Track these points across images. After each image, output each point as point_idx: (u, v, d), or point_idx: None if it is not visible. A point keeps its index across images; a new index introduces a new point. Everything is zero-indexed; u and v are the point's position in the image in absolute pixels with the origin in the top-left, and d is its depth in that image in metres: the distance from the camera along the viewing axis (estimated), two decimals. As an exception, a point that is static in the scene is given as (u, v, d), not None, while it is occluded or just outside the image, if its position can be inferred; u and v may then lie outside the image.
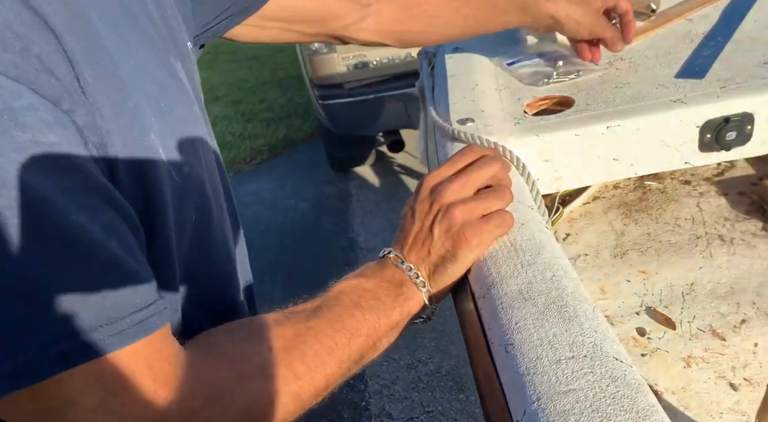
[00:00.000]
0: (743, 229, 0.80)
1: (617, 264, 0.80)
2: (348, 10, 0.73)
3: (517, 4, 0.74)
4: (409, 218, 0.51)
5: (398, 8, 0.75)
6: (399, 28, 0.76)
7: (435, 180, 0.52)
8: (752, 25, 0.82)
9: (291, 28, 0.73)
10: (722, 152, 0.68)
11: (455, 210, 0.48)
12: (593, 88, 0.76)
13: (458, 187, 0.50)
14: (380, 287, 0.48)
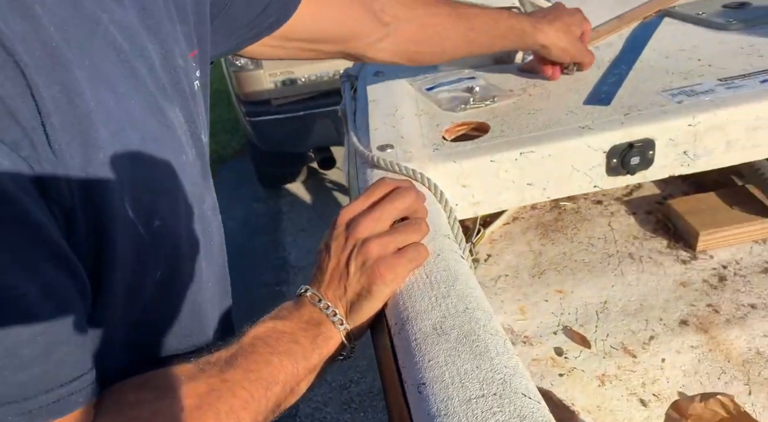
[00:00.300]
0: (650, 247, 0.85)
1: (536, 284, 0.82)
2: (369, 30, 0.76)
3: (515, 32, 0.81)
4: (324, 254, 0.50)
5: (415, 29, 0.79)
6: (414, 48, 0.80)
7: (350, 214, 0.51)
8: (652, 54, 0.88)
9: (311, 47, 0.75)
10: (628, 175, 0.71)
11: (370, 245, 0.48)
12: (508, 114, 0.78)
13: (373, 221, 0.49)
14: (297, 329, 0.46)
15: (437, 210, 0.61)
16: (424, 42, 0.80)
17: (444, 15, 0.79)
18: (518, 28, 0.81)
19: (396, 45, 0.79)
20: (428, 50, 0.81)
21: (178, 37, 0.51)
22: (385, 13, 0.76)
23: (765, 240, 0.82)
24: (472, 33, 0.80)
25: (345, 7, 0.74)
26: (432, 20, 0.79)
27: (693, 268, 0.80)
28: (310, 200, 3.26)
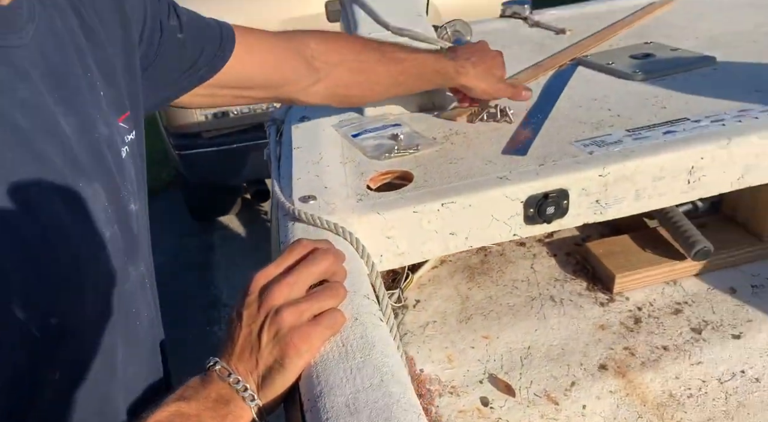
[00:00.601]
0: (571, 289, 0.87)
1: (463, 330, 0.82)
2: (301, 76, 0.79)
3: (440, 75, 0.86)
4: (236, 323, 0.48)
5: (345, 73, 0.83)
6: (344, 92, 0.85)
7: (263, 280, 0.49)
8: (566, 103, 0.92)
9: (243, 94, 0.77)
10: (544, 224, 0.73)
11: (284, 313, 0.46)
12: (431, 162, 0.79)
13: (287, 287, 0.48)
14: (204, 409, 0.43)
15: (359, 266, 0.60)
16: (354, 86, 0.84)
17: (373, 61, 0.83)
18: (443, 71, 0.85)
19: (327, 89, 0.82)
20: (358, 93, 0.86)
21: (100, 105, 0.49)
22: (315, 59, 0.79)
23: (675, 281, 0.86)
24: (401, 76, 0.85)
25: (277, 54, 0.76)
26: (362, 66, 0.82)
27: (610, 310, 0.83)
28: (245, 233, 3.18)
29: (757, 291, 0.82)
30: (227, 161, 2.64)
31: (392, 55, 0.83)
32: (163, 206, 3.52)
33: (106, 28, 0.54)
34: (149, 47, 0.62)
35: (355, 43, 0.85)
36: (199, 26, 0.69)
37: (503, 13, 1.47)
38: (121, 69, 0.53)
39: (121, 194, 0.49)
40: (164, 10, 0.64)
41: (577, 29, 1.29)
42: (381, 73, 0.83)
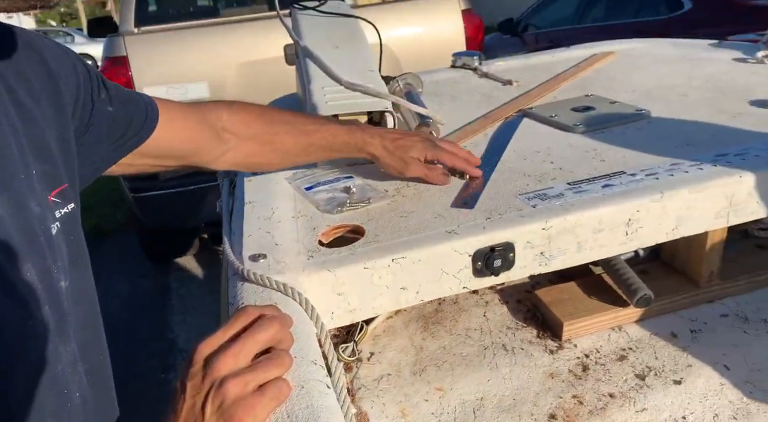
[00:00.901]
0: (522, 337, 0.89)
1: (417, 383, 0.83)
2: (212, 147, 0.84)
3: (349, 146, 0.89)
4: (179, 395, 0.47)
5: (254, 144, 0.87)
6: (253, 160, 0.89)
7: (208, 349, 0.49)
8: (512, 156, 0.96)
9: (159, 163, 0.81)
10: (492, 276, 0.75)
11: (228, 384, 0.46)
12: (382, 216, 0.80)
13: (232, 357, 0.48)
14: None
15: (307, 329, 0.60)
16: (261, 155, 0.89)
17: (283, 132, 0.88)
18: (351, 142, 0.89)
19: (236, 158, 0.87)
20: (265, 161, 0.91)
21: (33, 185, 0.49)
22: (226, 131, 0.85)
23: (620, 327, 0.89)
24: (309, 147, 0.89)
25: (192, 126, 0.81)
26: (271, 138, 0.88)
27: (559, 358, 0.84)
28: (202, 275, 3.12)
29: (696, 336, 0.86)
30: (184, 203, 2.61)
31: (302, 128, 0.88)
32: (117, 248, 3.43)
33: (39, 106, 0.55)
34: (81, 121, 0.64)
35: (265, 115, 0.89)
36: (127, 99, 0.72)
37: (454, 64, 1.53)
38: (55, 144, 0.54)
39: (51, 273, 0.49)
40: (95, 86, 0.67)
41: (522, 80, 1.35)
42: (289, 144, 0.88)
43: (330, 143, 0.89)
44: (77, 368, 0.52)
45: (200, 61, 2.64)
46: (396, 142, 0.89)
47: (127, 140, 0.70)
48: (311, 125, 0.89)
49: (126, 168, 0.76)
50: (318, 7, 1.32)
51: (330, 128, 0.89)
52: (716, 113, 1.05)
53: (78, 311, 0.54)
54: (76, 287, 0.54)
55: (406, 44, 2.78)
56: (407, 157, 0.88)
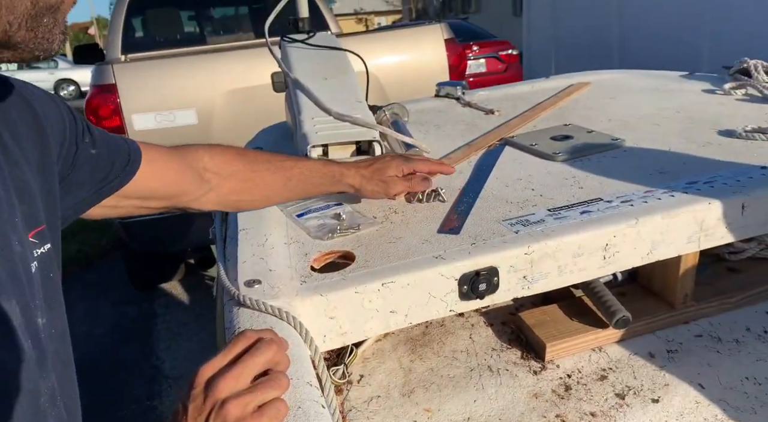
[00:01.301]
0: (506, 358, 0.92)
1: (405, 404, 0.85)
2: (194, 188, 0.86)
3: (327, 179, 0.93)
4: (181, 416, 0.50)
5: (235, 182, 0.89)
6: (235, 198, 0.91)
7: (209, 372, 0.51)
8: (495, 183, 1.00)
9: (143, 204, 0.82)
10: (477, 299, 0.79)
11: (228, 406, 0.48)
12: (371, 242, 0.84)
13: (232, 380, 0.50)
14: None
15: (302, 352, 0.63)
16: (243, 192, 0.91)
17: (263, 170, 0.91)
18: (329, 175, 0.94)
19: (219, 197, 0.89)
20: (249, 199, 0.92)
21: (15, 224, 0.51)
22: (207, 171, 0.87)
23: (600, 348, 0.92)
24: (290, 183, 0.92)
25: (174, 168, 0.83)
26: (251, 175, 0.90)
27: (543, 378, 0.87)
28: (188, 301, 3.11)
29: (672, 356, 0.90)
30: (172, 228, 2.62)
31: (280, 164, 0.92)
32: (102, 274, 3.40)
33: (23, 149, 0.58)
34: (65, 163, 0.67)
35: (244, 155, 0.92)
36: (110, 143, 0.75)
37: (438, 93, 1.59)
38: (36, 186, 0.57)
39: (31, 309, 0.51)
40: (80, 130, 0.70)
41: (504, 110, 1.40)
42: (269, 180, 0.91)
43: (308, 177, 0.92)
44: (56, 402, 0.53)
45: (188, 89, 2.67)
46: (370, 167, 0.93)
47: (109, 182, 0.73)
48: (288, 161, 0.93)
49: (111, 210, 0.78)
50: (306, 40, 1.37)
51: (307, 163, 0.94)
52: (687, 142, 1.10)
53: (54, 348, 0.55)
54: (51, 324, 0.55)
55: (391, 72, 2.85)
56: (386, 178, 0.93)
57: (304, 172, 0.92)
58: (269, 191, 0.92)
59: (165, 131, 2.53)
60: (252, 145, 1.36)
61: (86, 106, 2.49)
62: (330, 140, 1.03)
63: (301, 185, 0.93)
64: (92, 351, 2.69)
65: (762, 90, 1.31)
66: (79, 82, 18.70)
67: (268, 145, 1.32)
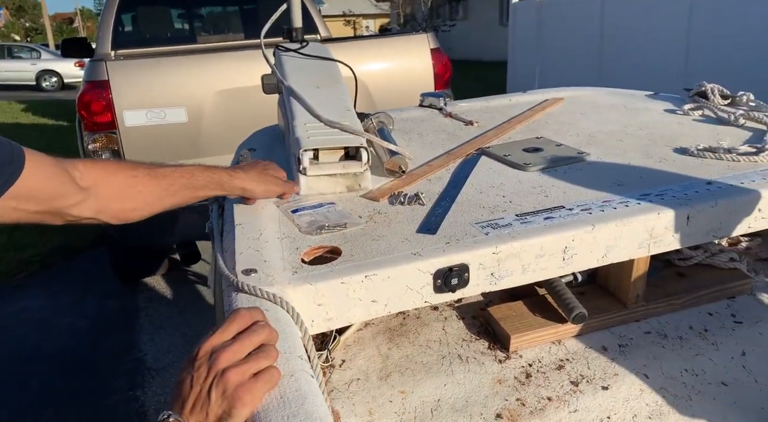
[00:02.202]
0: (475, 348, 1.01)
1: (383, 386, 0.94)
2: (70, 192, 0.83)
3: (214, 181, 0.96)
4: (186, 384, 0.58)
5: (115, 189, 0.89)
6: (117, 206, 0.90)
7: (209, 346, 0.60)
8: (470, 189, 1.09)
9: (19, 207, 0.78)
10: (450, 293, 0.88)
11: (229, 374, 0.57)
12: (356, 239, 0.93)
13: (231, 353, 0.59)
14: None
15: (293, 331, 0.71)
16: (126, 199, 0.90)
17: (143, 175, 0.91)
18: (216, 178, 0.96)
19: (98, 204, 0.88)
20: (132, 207, 0.92)
21: None
22: (83, 178, 0.85)
23: (560, 341, 1.02)
24: (172, 187, 0.93)
25: (50, 171, 0.81)
26: (132, 181, 0.90)
27: (507, 366, 0.97)
28: (171, 295, 3.16)
29: (623, 350, 1.00)
30: (159, 222, 2.66)
31: (160, 170, 0.93)
32: (86, 267, 3.43)
33: None
34: None
35: (124, 164, 0.93)
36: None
37: (421, 103, 1.69)
38: None
39: None
40: None
41: (482, 121, 1.50)
42: (150, 185, 0.91)
43: (190, 181, 0.94)
44: None
45: (179, 88, 2.73)
46: (253, 170, 1.01)
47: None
48: (169, 167, 0.94)
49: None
50: (300, 49, 1.45)
51: (188, 169, 0.95)
52: (645, 157, 1.21)
53: None
54: None
55: (379, 79, 2.94)
56: (271, 178, 1.02)
57: (186, 176, 0.94)
58: (151, 197, 0.92)
59: (156, 128, 2.59)
60: (245, 146, 1.44)
61: (78, 101, 2.54)
62: (320, 145, 1.11)
63: (184, 190, 0.94)
64: (75, 342, 2.73)
65: (716, 112, 1.43)
66: (61, 74, 18.51)
67: (261, 146, 1.40)
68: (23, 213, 0.80)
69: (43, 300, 3.09)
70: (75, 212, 0.85)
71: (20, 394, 2.30)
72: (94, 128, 2.49)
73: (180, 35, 4.47)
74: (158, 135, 2.61)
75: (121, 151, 2.54)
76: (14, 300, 3.08)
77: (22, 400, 2.25)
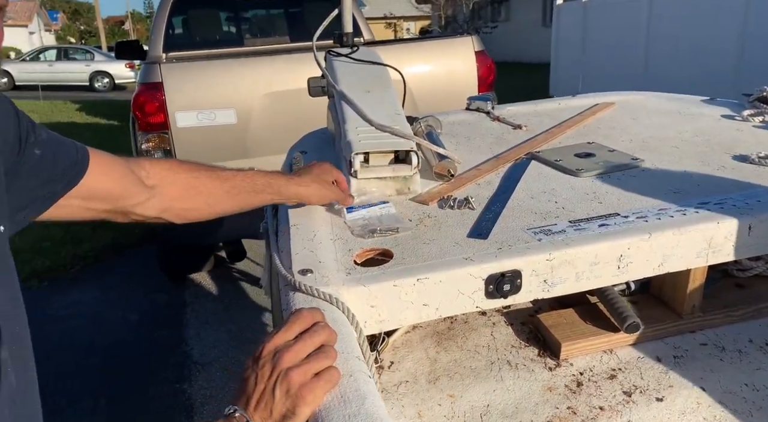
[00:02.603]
0: (524, 355, 1.01)
1: (431, 390, 0.94)
2: (137, 191, 0.86)
3: (272, 187, 0.97)
4: (252, 380, 0.60)
5: (179, 189, 0.91)
6: (180, 206, 0.92)
7: (273, 346, 0.62)
8: (521, 195, 1.09)
9: (87, 206, 0.81)
10: (501, 298, 0.88)
11: (292, 374, 0.59)
12: (407, 242, 0.93)
13: (294, 354, 0.61)
14: None
15: (349, 332, 0.73)
16: (188, 199, 0.92)
17: (205, 177, 0.93)
18: (274, 184, 0.97)
19: (163, 204, 0.90)
20: (194, 207, 0.94)
21: None
22: (149, 177, 0.87)
23: (611, 350, 1.01)
24: (233, 190, 0.94)
25: (118, 170, 0.83)
26: (194, 182, 0.91)
27: (557, 374, 0.96)
28: (216, 291, 3.24)
29: (678, 361, 0.98)
30: (207, 221, 2.74)
31: (222, 173, 0.94)
32: (135, 263, 3.55)
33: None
34: (8, 160, 0.68)
35: (186, 164, 0.94)
36: (57, 144, 0.76)
37: (468, 107, 1.68)
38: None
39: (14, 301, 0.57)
40: (25, 129, 0.71)
41: (531, 125, 1.49)
42: (213, 187, 0.92)
43: (251, 185, 0.95)
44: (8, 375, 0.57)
45: (228, 90, 2.81)
46: (311, 174, 1.00)
47: (56, 183, 0.74)
48: (229, 171, 0.95)
49: (53, 211, 0.76)
50: (350, 54, 1.47)
51: (249, 173, 0.96)
52: (702, 164, 1.18)
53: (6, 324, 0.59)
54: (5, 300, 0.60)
55: (422, 82, 2.95)
56: (328, 184, 1.02)
57: (246, 180, 0.95)
58: (212, 199, 0.93)
59: (206, 129, 2.67)
60: (297, 148, 1.47)
61: (133, 102, 2.64)
62: (372, 148, 1.13)
63: (245, 193, 0.95)
64: (125, 334, 2.83)
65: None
66: (113, 75, 19.22)
67: (312, 148, 1.42)
68: (93, 212, 0.83)
69: (95, 293, 3.22)
70: (140, 210, 0.88)
71: (78, 382, 2.40)
72: (148, 128, 2.59)
73: (228, 38, 4.58)
74: (208, 136, 2.69)
75: (172, 151, 2.63)
76: (69, 293, 3.21)
77: (81, 388, 2.35)
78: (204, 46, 3.96)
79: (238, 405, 0.59)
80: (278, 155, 2.60)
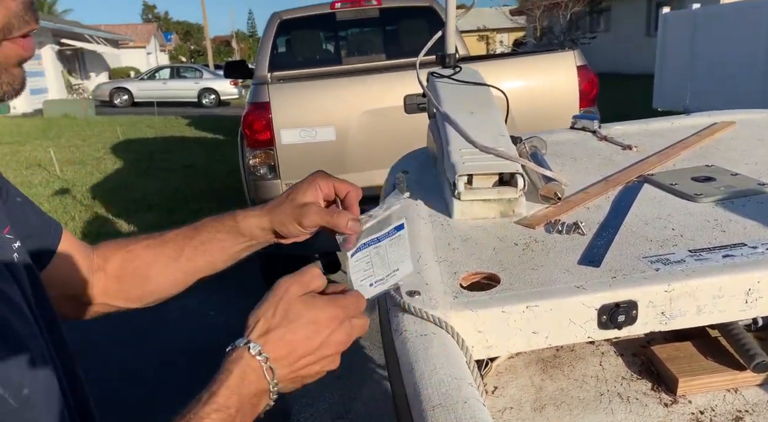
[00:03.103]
0: (636, 388, 0.96)
1: (537, 418, 0.92)
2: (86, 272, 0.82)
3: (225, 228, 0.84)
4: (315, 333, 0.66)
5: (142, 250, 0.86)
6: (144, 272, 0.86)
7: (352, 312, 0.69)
8: (634, 220, 1.05)
9: None
10: (615, 330, 0.85)
11: (336, 361, 0.68)
12: (515, 267, 0.93)
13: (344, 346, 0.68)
14: None
15: (459, 356, 0.73)
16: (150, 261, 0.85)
17: (139, 248, 0.85)
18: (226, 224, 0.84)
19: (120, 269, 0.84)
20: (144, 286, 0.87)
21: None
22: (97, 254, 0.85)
23: (736, 389, 0.94)
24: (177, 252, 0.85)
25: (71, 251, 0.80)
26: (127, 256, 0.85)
27: (674, 411, 0.91)
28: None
29: (814, 406, 0.89)
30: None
31: (159, 238, 0.87)
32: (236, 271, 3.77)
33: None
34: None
35: (127, 240, 0.88)
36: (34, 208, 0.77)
37: (573, 126, 1.64)
38: None
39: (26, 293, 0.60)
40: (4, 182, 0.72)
41: (642, 146, 1.43)
42: (148, 257, 0.85)
43: (211, 236, 0.85)
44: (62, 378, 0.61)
45: (328, 108, 2.93)
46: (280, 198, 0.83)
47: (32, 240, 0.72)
48: (170, 231, 0.87)
49: None
50: (453, 75, 1.49)
51: (191, 225, 0.86)
52: (844, 191, 1.08)
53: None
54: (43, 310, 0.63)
55: (521, 99, 2.91)
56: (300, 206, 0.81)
57: (209, 228, 0.84)
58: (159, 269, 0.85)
59: (307, 145, 2.79)
60: (398, 168, 1.50)
61: (243, 120, 2.82)
62: (476, 170, 1.13)
63: (193, 249, 0.85)
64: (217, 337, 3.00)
65: None
66: (219, 92, 20.62)
67: (414, 168, 1.45)
68: None
69: (202, 297, 3.44)
70: (86, 299, 0.82)
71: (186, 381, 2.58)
72: (255, 145, 2.75)
73: (327, 57, 4.77)
74: (309, 152, 2.81)
75: (276, 167, 2.77)
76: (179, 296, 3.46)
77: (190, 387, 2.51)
78: (305, 66, 4.16)
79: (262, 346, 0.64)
80: (375, 171, 2.66)
